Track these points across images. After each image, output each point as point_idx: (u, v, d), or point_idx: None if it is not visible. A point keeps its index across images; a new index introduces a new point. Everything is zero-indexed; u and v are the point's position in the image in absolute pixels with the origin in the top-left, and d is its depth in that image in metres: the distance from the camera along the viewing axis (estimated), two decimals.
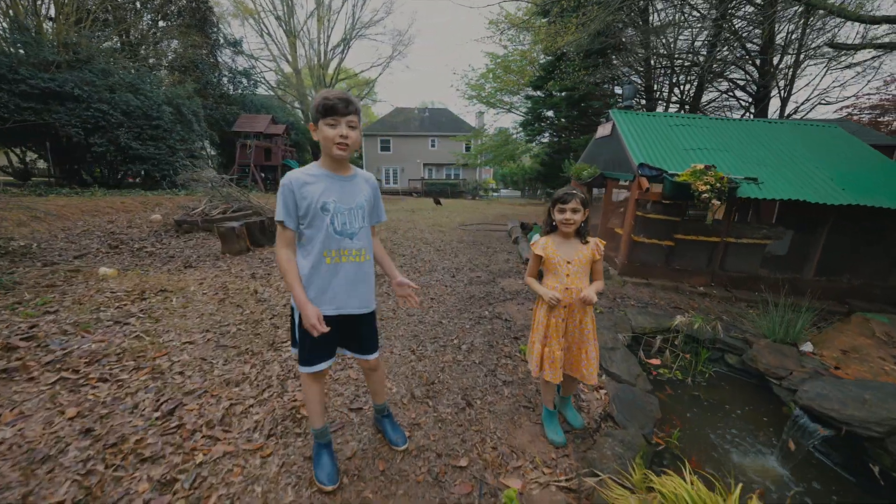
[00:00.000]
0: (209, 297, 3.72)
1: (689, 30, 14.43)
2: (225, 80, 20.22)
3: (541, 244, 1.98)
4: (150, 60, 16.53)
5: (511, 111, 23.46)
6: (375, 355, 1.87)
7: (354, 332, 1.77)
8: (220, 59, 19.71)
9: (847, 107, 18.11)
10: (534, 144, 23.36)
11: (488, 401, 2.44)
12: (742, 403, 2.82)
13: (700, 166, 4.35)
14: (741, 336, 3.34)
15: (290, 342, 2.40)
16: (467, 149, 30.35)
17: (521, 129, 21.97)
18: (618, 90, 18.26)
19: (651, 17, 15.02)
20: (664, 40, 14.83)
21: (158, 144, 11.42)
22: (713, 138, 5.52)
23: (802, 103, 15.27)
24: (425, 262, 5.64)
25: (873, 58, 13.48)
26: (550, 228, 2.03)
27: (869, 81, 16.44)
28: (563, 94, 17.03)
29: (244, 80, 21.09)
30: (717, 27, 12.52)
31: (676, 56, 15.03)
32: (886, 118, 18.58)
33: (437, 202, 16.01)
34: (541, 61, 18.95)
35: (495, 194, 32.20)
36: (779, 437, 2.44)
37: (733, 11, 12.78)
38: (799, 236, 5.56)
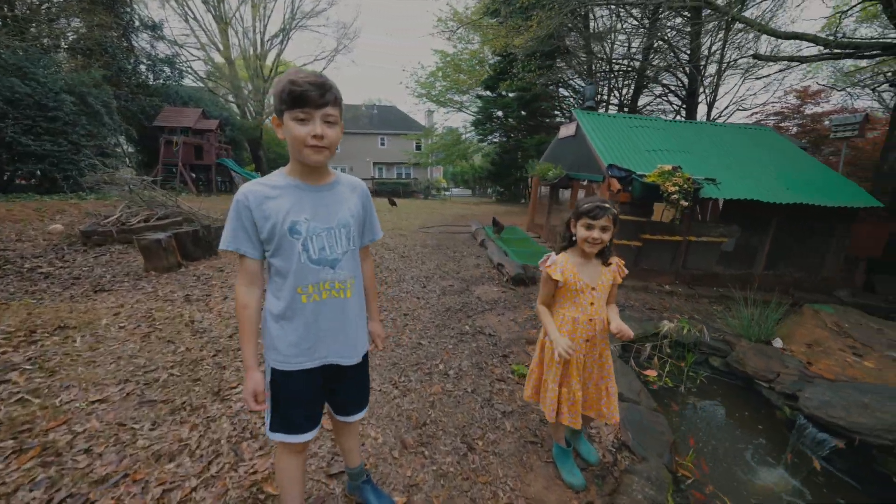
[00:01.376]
0: (129, 331, 2.98)
1: (626, 36, 15.33)
2: (143, 67, 17.80)
3: (559, 266, 1.64)
4: (45, 41, 14.00)
5: (462, 110, 23.44)
6: (363, 414, 1.46)
7: (339, 387, 1.35)
8: (135, 44, 17.29)
9: (756, 113, 20.46)
10: (485, 144, 23.58)
11: (491, 440, 2.12)
12: (737, 409, 2.79)
13: (667, 167, 4.40)
14: (721, 337, 3.36)
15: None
16: (418, 147, 29.93)
17: (472, 128, 22.04)
18: (564, 92, 18.99)
19: (592, 24, 15.74)
20: (604, 46, 15.60)
21: (58, 140, 9.60)
22: (671, 140, 5.70)
23: (724, 109, 16.97)
24: (392, 272, 5.19)
25: (779, 71, 15.30)
26: (568, 244, 1.73)
27: (774, 92, 18.79)
28: (515, 94, 17.28)
29: (167, 69, 18.73)
30: (651, 35, 13.39)
31: (615, 61, 15.91)
32: (785, 123, 21.33)
33: (393, 203, 15.43)
34: (490, 62, 19.08)
35: (447, 193, 32.12)
36: (780, 445, 2.40)
37: (664, 21, 13.75)
38: (745, 233, 5.94)
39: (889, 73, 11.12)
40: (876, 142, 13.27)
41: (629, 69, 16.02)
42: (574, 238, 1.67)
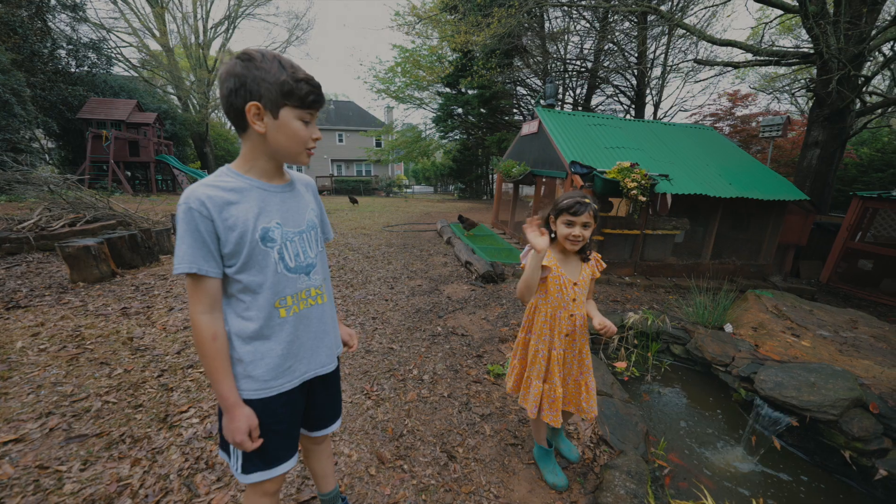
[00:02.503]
0: (52, 354, 2.58)
1: (579, 38, 15.94)
2: (62, 52, 15.85)
3: (532, 256, 1.55)
4: None
5: (422, 107, 23.24)
6: (339, 424, 1.34)
7: (316, 399, 1.23)
8: (52, 25, 15.34)
9: (695, 114, 22.13)
10: (446, 141, 23.58)
11: (471, 446, 2.05)
12: (699, 394, 2.93)
13: (626, 164, 4.56)
14: (681, 326, 3.53)
15: (217, 440, 1.68)
16: (378, 144, 29.35)
17: (433, 125, 21.93)
18: (522, 90, 19.41)
19: (547, 25, 16.18)
20: (558, 47, 16.12)
21: None
22: (627, 137, 5.95)
23: (668, 109, 18.17)
24: (357, 274, 4.97)
25: (714, 76, 16.64)
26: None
27: (710, 95, 20.45)
28: (475, 92, 17.39)
29: (92, 55, 16.82)
30: (602, 38, 14.01)
31: (569, 61, 16.50)
32: (720, 124, 23.30)
33: (354, 201, 14.98)
34: (450, 58, 19.04)
35: (409, 191, 31.83)
36: (739, 425, 2.55)
37: (613, 25, 14.44)
38: (693, 226, 6.36)
39: (807, 79, 12.41)
40: (794, 141, 14.82)
41: (582, 70, 16.67)
42: (553, 235, 1.62)
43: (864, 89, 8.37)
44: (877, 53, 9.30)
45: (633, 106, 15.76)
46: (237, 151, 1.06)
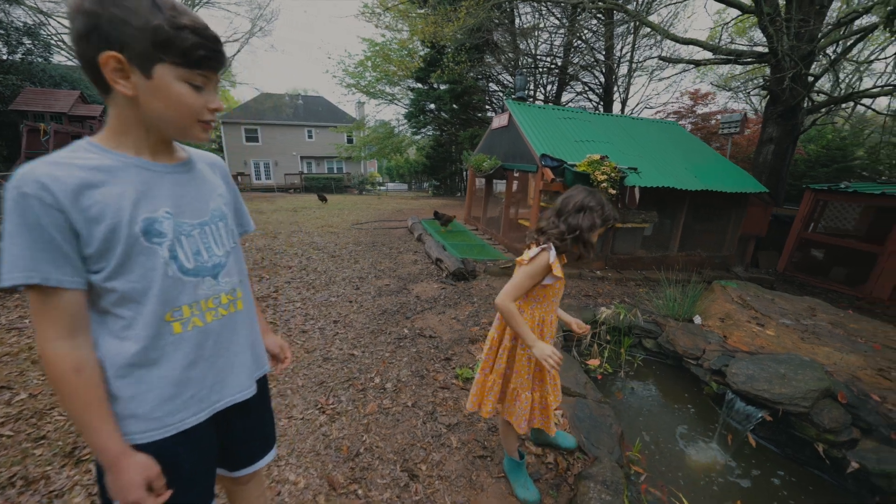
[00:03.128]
0: None
1: (549, 35, 16.05)
2: None
3: (558, 265, 1.38)
4: None
5: (394, 102, 22.78)
6: (273, 454, 1.12)
7: (234, 433, 0.99)
8: None
9: (660, 111, 22.90)
10: (419, 137, 23.27)
11: (435, 461, 1.86)
12: (672, 389, 2.88)
13: (596, 157, 4.50)
14: (652, 319, 3.49)
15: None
16: (350, 141, 28.60)
17: (405, 121, 21.54)
18: (494, 87, 19.38)
19: (518, 21, 16.20)
20: (529, 43, 16.18)
21: None
22: (596, 131, 5.93)
23: (634, 107, 18.67)
24: (320, 274, 4.67)
25: (677, 73, 17.20)
26: (567, 248, 1.41)
27: (673, 93, 21.21)
28: (447, 87, 17.18)
29: (27, 41, 15.31)
30: (571, 34, 14.16)
31: (539, 58, 16.61)
32: (682, 122, 24.27)
33: (323, 199, 14.45)
34: (420, 53, 18.73)
35: (382, 188, 31.27)
36: (712, 420, 2.50)
37: (582, 23, 14.63)
38: (660, 218, 6.45)
39: (763, 77, 13.02)
40: (750, 139, 15.58)
41: (552, 66, 16.82)
42: (578, 241, 1.39)
43: (812, 87, 8.80)
44: (822, 56, 9.82)
45: (602, 103, 16.07)
46: (198, 147, 0.79)
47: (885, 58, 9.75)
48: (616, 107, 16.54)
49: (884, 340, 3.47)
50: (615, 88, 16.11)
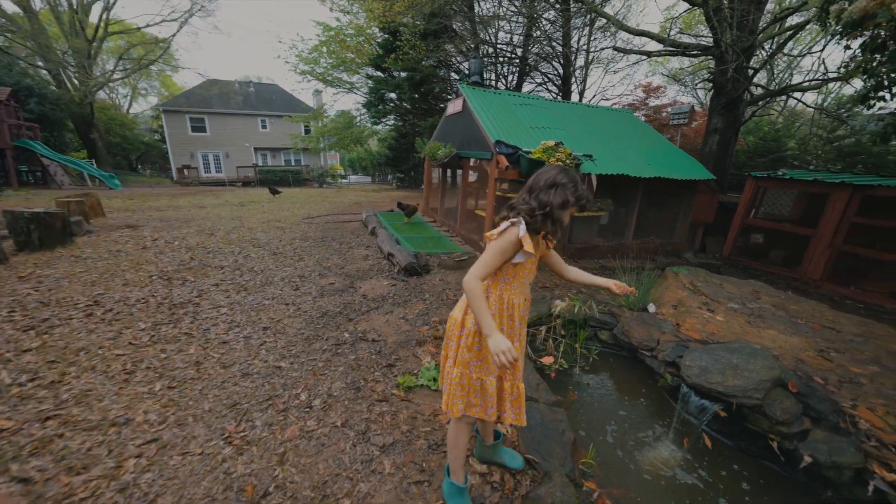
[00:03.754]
0: None
1: (509, 24, 15.91)
2: None
3: (529, 240, 1.29)
4: None
5: (353, 91, 21.84)
6: None
7: None
8: None
9: (615, 103, 23.62)
10: (380, 127, 22.54)
11: (363, 494, 1.58)
12: (627, 384, 2.77)
13: (550, 143, 4.34)
14: (608, 310, 3.39)
15: None
16: (307, 131, 27.24)
17: (364, 110, 20.74)
18: (455, 76, 19.03)
19: (477, 8, 15.90)
20: (488, 32, 15.96)
21: None
22: (552, 118, 5.79)
23: (591, 98, 19.07)
24: (256, 274, 4.20)
25: (630, 65, 17.72)
26: (538, 225, 1.32)
27: (627, 85, 21.89)
28: (405, 74, 16.65)
29: None
30: (530, 24, 14.09)
31: (499, 46, 16.45)
32: (636, 114, 25.27)
33: (275, 192, 13.58)
34: (377, 39, 18.00)
35: (344, 181, 30.18)
36: (665, 413, 2.40)
37: (540, 12, 14.59)
38: (616, 206, 6.48)
39: (707, 71, 13.61)
40: (697, 130, 16.38)
41: (513, 56, 16.73)
42: (548, 218, 1.30)
43: (752, 79, 9.26)
44: (760, 50, 10.35)
45: (560, 94, 16.22)
46: (136, 139, 0.46)
47: (813, 53, 10.43)
48: (574, 98, 16.77)
49: (821, 320, 3.58)
50: (573, 80, 16.30)
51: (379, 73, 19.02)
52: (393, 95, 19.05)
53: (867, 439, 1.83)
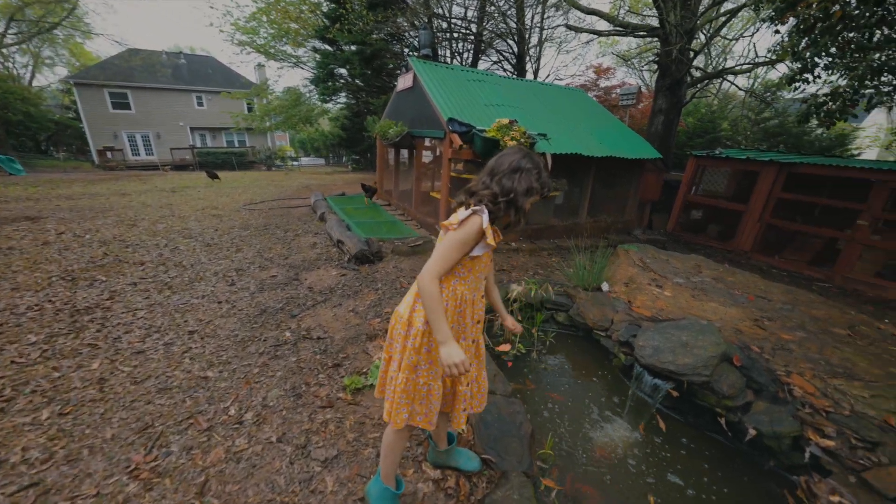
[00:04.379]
0: None
1: None
2: None
3: (491, 232, 1.16)
4: None
5: (299, 66, 20.27)
6: None
7: None
8: None
9: (568, 84, 24.01)
10: (331, 106, 21.27)
11: None
12: (582, 364, 2.76)
13: (505, 121, 4.18)
14: (563, 291, 3.37)
15: None
16: (250, 109, 25.11)
17: (313, 87, 19.38)
18: (409, 52, 18.23)
19: None
20: (443, 8, 15.33)
21: None
22: (505, 95, 5.63)
23: (545, 78, 19.17)
24: (184, 270, 3.72)
25: (583, 45, 17.92)
26: (499, 213, 1.19)
27: (579, 66, 22.28)
28: (355, 48, 15.67)
29: None
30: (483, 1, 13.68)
31: (453, 20, 15.91)
32: (588, 94, 25.93)
33: (213, 176, 12.43)
34: (324, 9, 16.70)
35: (295, 163, 28.43)
36: (620, 392, 2.41)
37: None
38: (569, 186, 6.53)
39: (653, 53, 14.06)
40: (643, 112, 17.08)
41: (468, 32, 16.27)
42: (511, 206, 1.18)
43: (693, 61, 9.67)
44: (700, 33, 10.81)
45: (515, 72, 16.11)
46: (43, 117, 0.18)
47: (745, 37, 11.10)
48: (529, 77, 16.75)
49: (755, 290, 3.82)
50: (528, 58, 16.22)
51: (326, 47, 17.78)
52: (343, 71, 17.92)
53: (802, 407, 1.93)
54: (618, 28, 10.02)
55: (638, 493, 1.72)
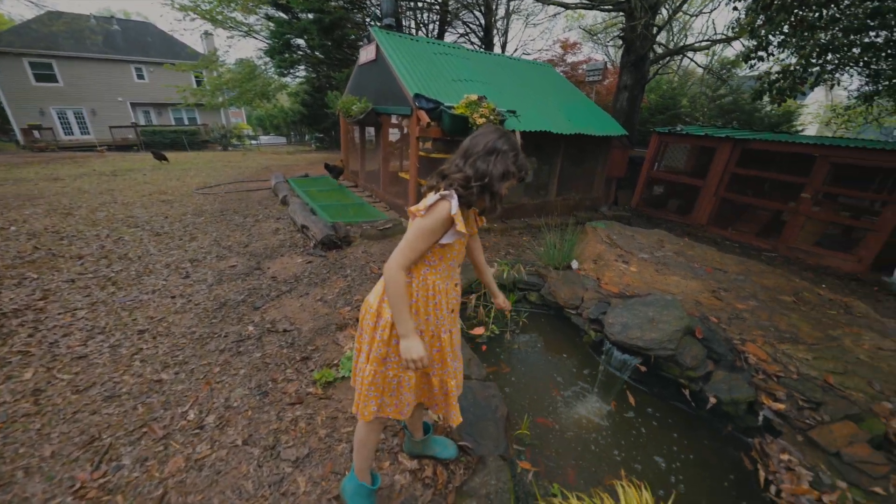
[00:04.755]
0: None
1: None
2: None
3: (461, 218, 1.08)
4: None
5: (251, 35, 18.67)
6: None
7: None
8: None
9: (535, 58, 23.79)
10: (290, 80, 19.93)
11: None
12: (554, 342, 2.81)
13: (474, 97, 4.05)
14: (535, 271, 3.39)
15: None
16: (199, 83, 23.09)
17: (268, 58, 18.01)
18: (371, 22, 17.22)
19: None
20: None
21: None
22: (474, 70, 5.44)
23: (513, 52, 18.86)
24: (130, 262, 3.41)
25: (549, 18, 17.68)
26: (472, 198, 1.11)
27: (546, 40, 22.05)
28: (313, 16, 14.61)
29: None
30: None
31: None
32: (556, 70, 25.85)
33: (161, 157, 11.45)
34: None
35: (254, 142, 26.74)
36: (591, 367, 2.48)
37: None
38: (539, 164, 6.54)
39: (618, 28, 14.10)
40: (608, 88, 17.26)
41: (433, 2, 15.56)
42: (486, 190, 1.10)
43: (657, 37, 9.78)
44: (662, 9, 10.90)
45: (483, 46, 15.71)
46: None
47: (704, 13, 11.33)
48: (496, 50, 16.40)
49: (712, 263, 4.02)
50: (495, 31, 15.82)
51: (281, 14, 16.46)
52: (301, 42, 16.74)
53: (756, 373, 2.06)
54: (584, 1, 9.91)
55: (610, 465, 1.79)
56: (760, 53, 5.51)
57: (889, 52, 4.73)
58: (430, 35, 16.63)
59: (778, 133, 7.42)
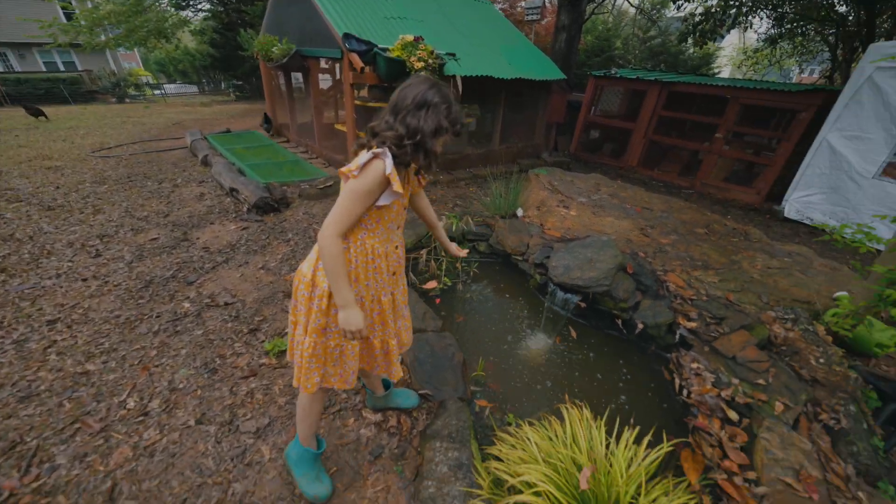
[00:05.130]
0: None
1: None
2: None
3: (397, 177, 1.01)
4: None
5: None
6: None
7: None
8: None
9: None
10: (190, 14, 16.85)
11: (239, 494, 1.33)
12: (504, 289, 2.96)
13: (410, 38, 3.74)
14: (483, 221, 3.45)
15: None
16: (69, 17, 18.68)
17: None
18: None
19: None
20: None
21: None
22: (408, 6, 4.97)
23: None
24: (20, 244, 2.90)
25: None
26: (407, 157, 1.03)
27: None
28: None
29: None
30: None
31: None
32: None
33: (37, 113, 9.46)
34: None
35: (158, 92, 22.87)
36: (536, 308, 2.68)
37: None
38: (481, 111, 6.40)
39: None
40: (547, 28, 16.88)
41: None
42: (419, 151, 1.02)
43: None
44: None
45: None
46: None
47: None
48: None
49: (641, 203, 4.38)
50: None
51: None
52: None
53: (675, 299, 2.36)
54: None
55: (557, 392, 2.01)
56: None
57: None
58: None
59: (698, 76, 7.89)
